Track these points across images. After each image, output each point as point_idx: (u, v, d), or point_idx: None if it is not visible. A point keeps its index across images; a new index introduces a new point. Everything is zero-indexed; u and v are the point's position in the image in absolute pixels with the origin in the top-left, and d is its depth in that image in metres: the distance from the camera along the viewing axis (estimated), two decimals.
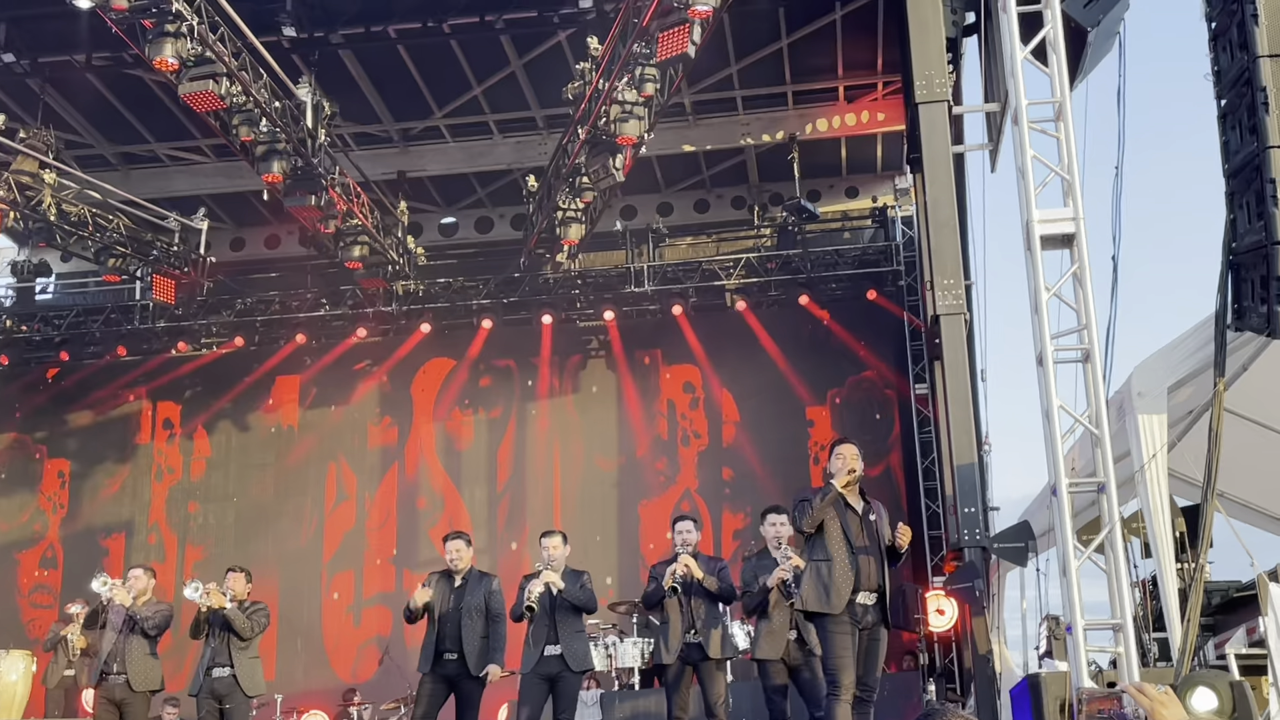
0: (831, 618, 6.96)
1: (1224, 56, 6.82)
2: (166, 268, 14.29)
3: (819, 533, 7.07)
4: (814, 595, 7.00)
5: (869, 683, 7.02)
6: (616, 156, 11.67)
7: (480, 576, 8.71)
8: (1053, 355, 7.68)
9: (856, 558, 6.98)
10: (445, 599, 8.54)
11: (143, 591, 9.22)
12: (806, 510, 7.07)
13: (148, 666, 9.12)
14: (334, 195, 12.65)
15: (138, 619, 9.01)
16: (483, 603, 8.54)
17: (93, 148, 15.03)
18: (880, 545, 7.15)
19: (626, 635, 11.31)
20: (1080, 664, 7.15)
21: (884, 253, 15.34)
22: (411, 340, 15.83)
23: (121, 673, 8.97)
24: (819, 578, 7.01)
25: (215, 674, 9.09)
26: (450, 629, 8.44)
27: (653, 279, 15.36)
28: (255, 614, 9.26)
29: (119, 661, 8.99)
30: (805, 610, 7.21)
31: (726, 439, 15.50)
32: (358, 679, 13.95)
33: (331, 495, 15.91)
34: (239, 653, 9.11)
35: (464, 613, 8.46)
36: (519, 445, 15.83)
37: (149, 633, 9.09)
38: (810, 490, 7.26)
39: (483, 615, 8.53)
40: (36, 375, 16.65)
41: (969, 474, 9.41)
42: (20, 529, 16.14)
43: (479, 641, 8.46)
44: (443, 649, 8.44)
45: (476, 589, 8.59)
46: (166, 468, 16.24)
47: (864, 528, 7.12)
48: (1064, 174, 8.01)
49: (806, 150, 14.76)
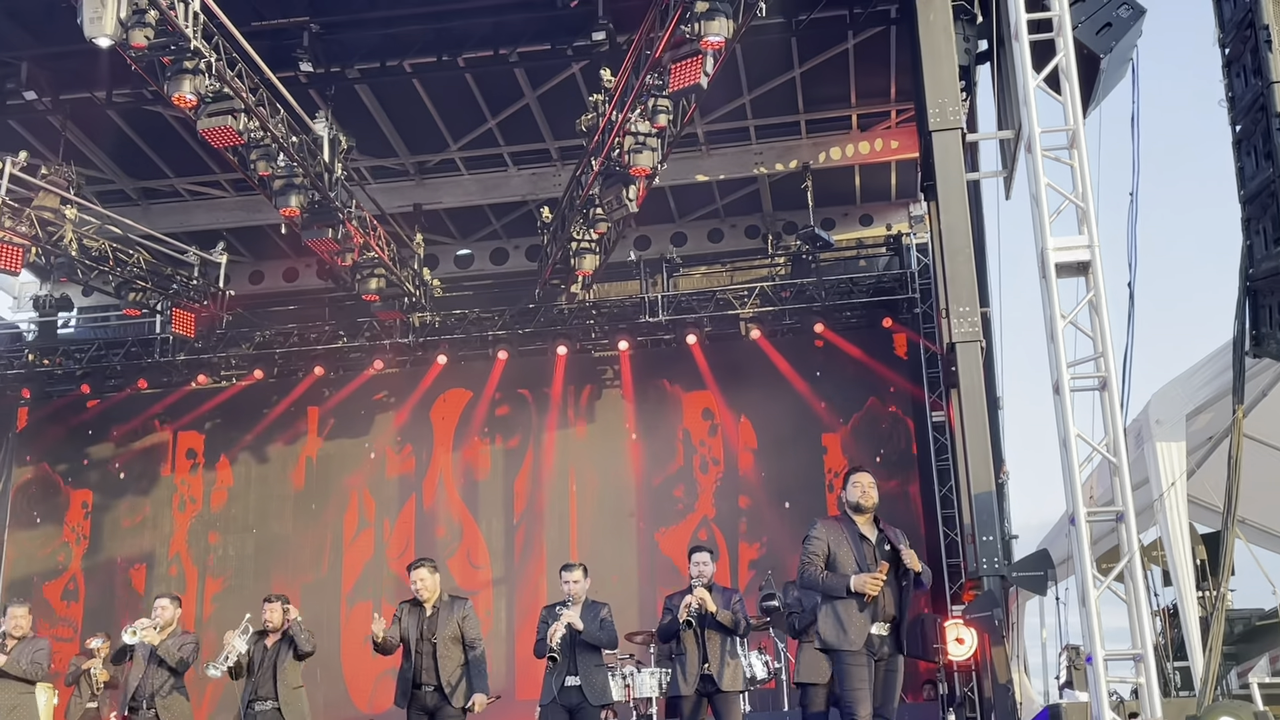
0: (847, 652, 6.91)
1: (1238, 82, 6.85)
2: (186, 301, 14.38)
3: (832, 567, 7.01)
4: (830, 631, 6.92)
5: (886, 714, 6.97)
6: (630, 187, 11.73)
7: (452, 601, 8.55)
8: (1069, 383, 7.67)
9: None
10: (418, 630, 8.39)
11: (169, 622, 9.19)
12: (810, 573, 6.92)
13: (178, 702, 9.07)
14: (351, 228, 12.74)
15: (163, 658, 8.97)
16: (457, 630, 8.40)
17: (113, 183, 15.19)
18: (897, 573, 7.09)
19: (644, 666, 11.27)
20: (1101, 694, 7.11)
21: (899, 280, 15.33)
22: (428, 371, 15.90)
23: (151, 708, 8.93)
24: (834, 614, 6.93)
25: (258, 708, 9.05)
26: (425, 661, 8.26)
27: (667, 309, 15.39)
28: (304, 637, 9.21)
29: (147, 699, 8.95)
30: (824, 647, 7.15)
31: (743, 467, 15.48)
32: (375, 709, 13.93)
33: (351, 525, 15.96)
34: (282, 685, 9.06)
35: (439, 643, 8.31)
36: (536, 475, 15.85)
37: (175, 670, 9.07)
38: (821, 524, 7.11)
39: (459, 643, 8.39)
40: (58, 408, 16.76)
41: (987, 502, 9.38)
42: (44, 560, 16.23)
43: (458, 670, 8.32)
44: (419, 681, 8.29)
45: (449, 616, 8.42)
46: (189, 498, 16.32)
47: (877, 558, 7.06)
48: (1078, 201, 8.01)
49: (820, 179, 14.80)
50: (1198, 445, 9.42)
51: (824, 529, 7.06)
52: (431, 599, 8.42)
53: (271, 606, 9.35)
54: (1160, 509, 8.38)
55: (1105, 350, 7.82)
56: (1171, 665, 9.07)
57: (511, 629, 14.56)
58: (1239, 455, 7.06)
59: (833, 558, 7.00)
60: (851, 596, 6.82)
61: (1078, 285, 8.15)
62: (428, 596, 8.40)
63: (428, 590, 8.39)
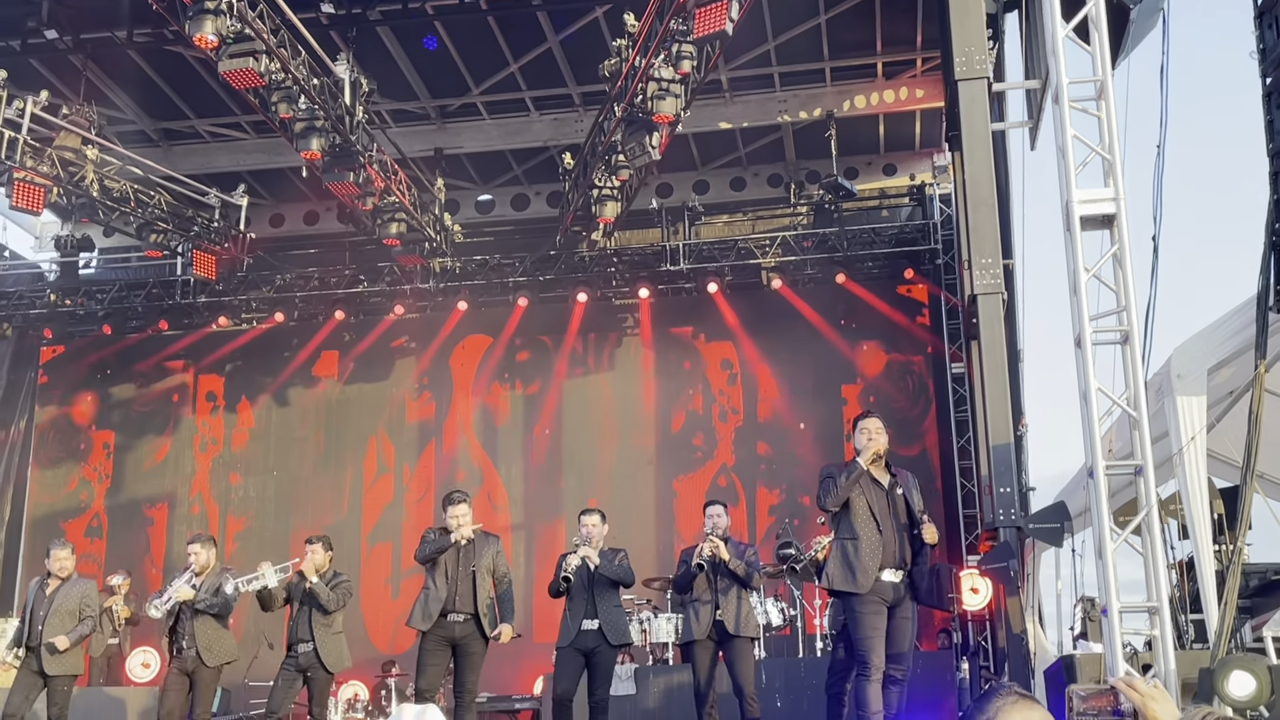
0: (859, 597, 6.94)
1: (1269, 34, 6.75)
2: (207, 243, 14.42)
3: (844, 510, 7.05)
4: (840, 574, 6.98)
5: (902, 660, 7.02)
6: (653, 134, 11.66)
7: (484, 536, 8.71)
8: (1091, 337, 7.63)
9: (883, 535, 6.97)
10: (454, 560, 8.52)
11: (205, 565, 9.22)
12: (831, 488, 7.04)
13: (220, 639, 9.14)
14: (372, 172, 12.73)
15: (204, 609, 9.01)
16: (491, 562, 8.56)
17: (134, 124, 15.17)
18: (911, 519, 7.13)
19: (661, 611, 11.40)
20: (1115, 645, 7.14)
21: (921, 231, 15.26)
22: (449, 317, 15.92)
23: (192, 647, 9.01)
24: (844, 556, 6.98)
25: (299, 650, 9.14)
26: (463, 589, 8.42)
27: (688, 257, 15.35)
28: (340, 585, 9.25)
29: (189, 637, 9.02)
30: (831, 589, 7.20)
31: (762, 415, 15.51)
32: (395, 651, 14.11)
33: (371, 469, 16.07)
34: (321, 628, 9.12)
35: (477, 573, 8.46)
36: (555, 421, 15.92)
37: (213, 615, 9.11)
38: (835, 466, 7.25)
39: (491, 575, 8.55)
40: (80, 348, 16.87)
41: (1005, 454, 9.38)
42: (66, 499, 16.42)
43: (489, 602, 8.48)
44: (449, 609, 8.43)
45: (484, 550, 8.59)
46: (210, 439, 16.46)
47: (890, 503, 7.10)
48: (1105, 154, 7.93)
49: (844, 127, 14.68)
50: (1218, 400, 9.38)
51: (838, 467, 7.14)
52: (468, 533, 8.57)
53: (312, 548, 9.33)
54: (1179, 463, 8.36)
55: (1128, 304, 7.78)
56: (1186, 618, 9.08)
57: (530, 573, 14.68)
58: (1260, 411, 7.04)
59: (847, 501, 7.05)
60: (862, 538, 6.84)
61: (1102, 238, 8.10)
62: (466, 533, 8.53)
63: (466, 525, 8.54)
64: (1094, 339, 7.70)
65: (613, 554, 8.77)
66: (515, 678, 12.87)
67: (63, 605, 9.19)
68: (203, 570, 9.14)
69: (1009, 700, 2.73)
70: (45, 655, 9.01)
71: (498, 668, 11.38)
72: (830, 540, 8.07)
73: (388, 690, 12.53)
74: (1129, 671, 7.10)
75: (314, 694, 9.25)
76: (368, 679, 12.97)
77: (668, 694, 9.75)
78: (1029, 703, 2.71)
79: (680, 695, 9.21)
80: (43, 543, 12.66)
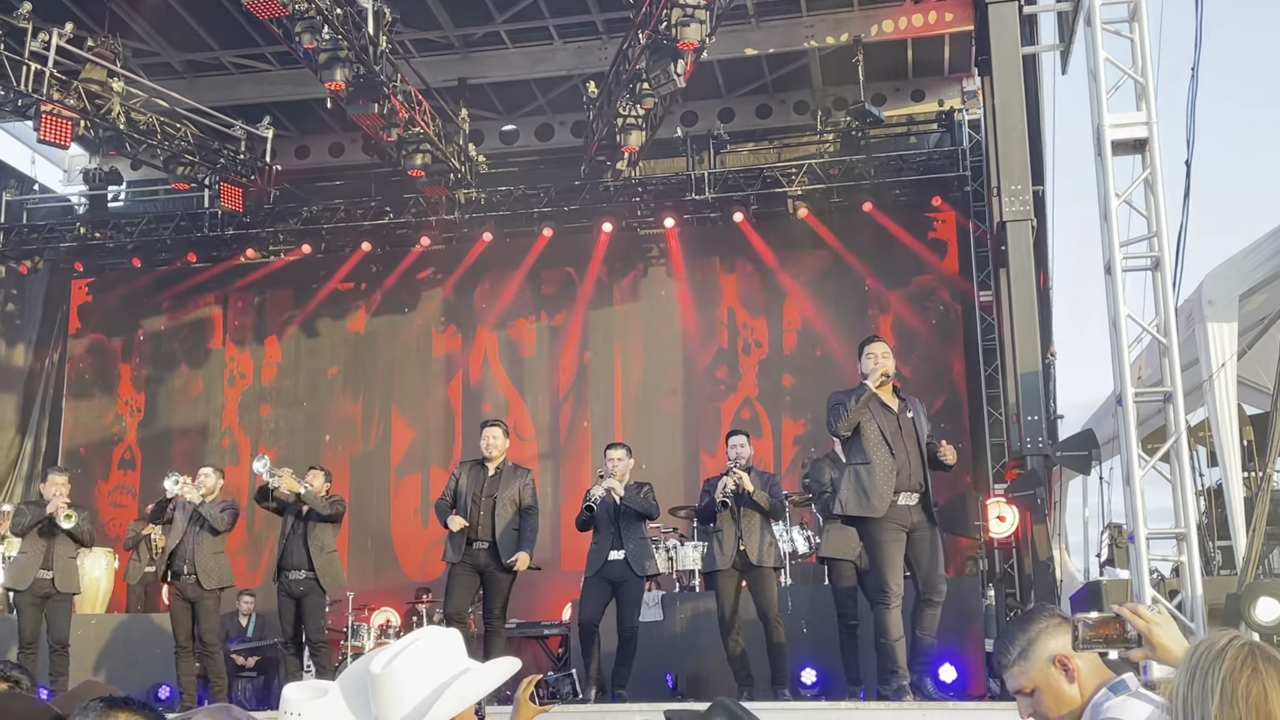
0: (874, 522, 6.95)
1: None
2: (234, 176, 14.42)
3: (855, 435, 7.06)
4: (853, 499, 7.00)
5: (933, 582, 7.03)
6: (677, 61, 11.54)
7: (514, 469, 8.84)
8: (1121, 263, 7.58)
9: (896, 458, 6.97)
10: (478, 488, 8.65)
11: (210, 490, 9.48)
12: (841, 413, 7.04)
13: (217, 564, 9.39)
14: (396, 103, 12.67)
15: (204, 516, 9.26)
16: (517, 495, 8.68)
17: (159, 56, 15.10)
18: (920, 444, 7.14)
19: (686, 540, 11.51)
20: (1142, 571, 7.18)
21: (950, 158, 15.08)
22: (474, 248, 15.91)
23: (191, 572, 9.25)
24: (857, 481, 6.99)
25: (291, 575, 9.36)
26: (483, 517, 8.58)
27: (714, 186, 15.24)
28: (336, 503, 9.48)
29: (188, 561, 9.26)
30: (844, 515, 7.23)
31: (787, 347, 15.50)
32: (425, 578, 14.31)
33: (399, 399, 16.17)
34: (316, 550, 9.36)
35: (497, 502, 8.58)
36: (580, 352, 15.96)
37: (215, 529, 9.34)
38: (843, 392, 7.25)
39: (515, 506, 8.67)
40: (111, 281, 16.99)
41: (1033, 382, 9.37)
42: (101, 430, 16.63)
43: (511, 532, 8.61)
44: (473, 538, 8.59)
45: (511, 480, 8.72)
46: (239, 372, 16.59)
47: (901, 426, 7.09)
48: (1137, 77, 7.82)
49: (871, 53, 14.45)
50: (1250, 326, 9.32)
51: (845, 393, 7.15)
52: (496, 460, 8.74)
53: (315, 473, 9.64)
54: (1209, 390, 8.34)
55: (1159, 230, 7.72)
56: (1214, 544, 9.11)
57: (557, 503, 14.80)
58: None
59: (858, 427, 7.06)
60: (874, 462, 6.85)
61: (1133, 163, 8.02)
62: (495, 456, 8.69)
63: (496, 450, 8.71)
64: (1124, 265, 7.65)
65: (638, 487, 8.87)
66: (544, 604, 13.04)
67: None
68: (209, 494, 9.40)
69: (1052, 623, 2.77)
70: (57, 573, 9.34)
71: (526, 595, 11.54)
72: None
73: (419, 616, 12.72)
74: (1156, 598, 7.14)
75: (310, 620, 9.50)
76: (399, 605, 13.18)
77: (694, 620, 9.87)
78: (1070, 626, 2.73)
79: (706, 621, 9.33)
80: (77, 474, 12.87)
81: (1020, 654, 2.76)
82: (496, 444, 8.80)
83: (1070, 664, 2.70)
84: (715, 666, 9.05)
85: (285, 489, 9.31)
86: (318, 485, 9.58)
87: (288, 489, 9.32)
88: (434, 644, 2.20)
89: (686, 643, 9.80)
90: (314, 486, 9.51)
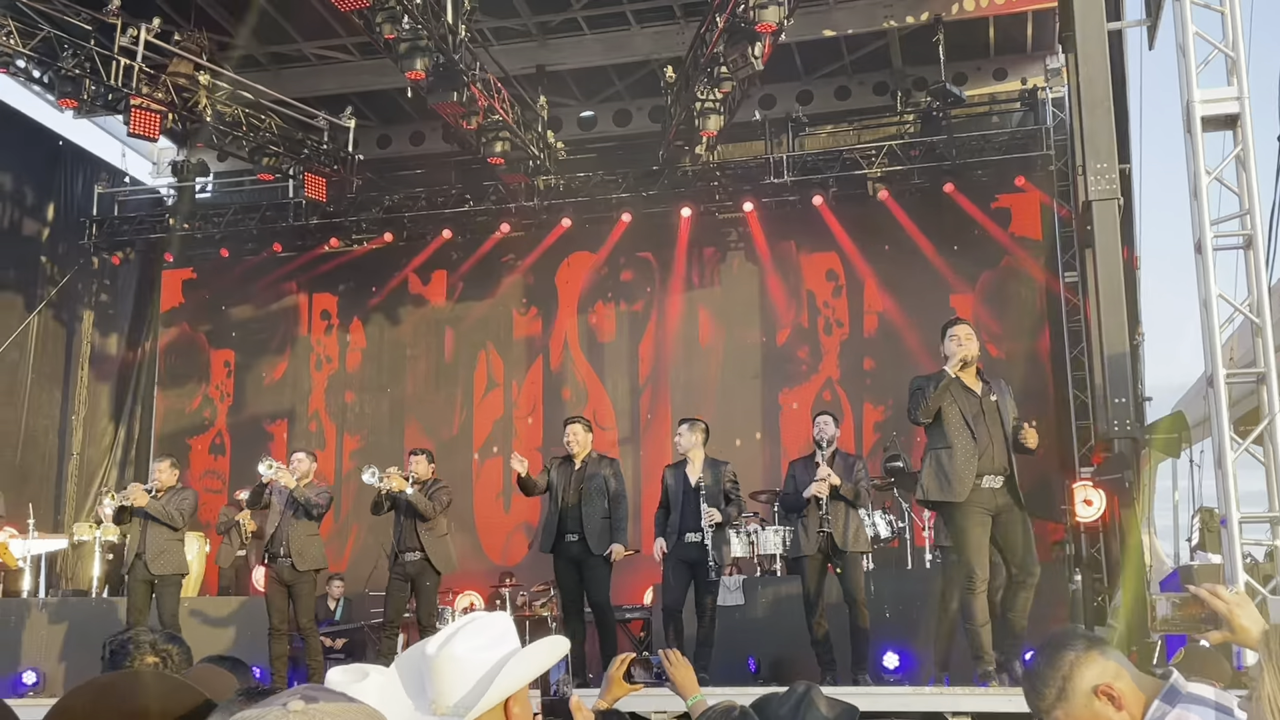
0: (957, 507, 6.88)
1: None
2: (317, 165, 14.65)
3: (936, 419, 6.99)
4: (934, 484, 6.93)
5: (1026, 565, 6.94)
6: (755, 44, 11.47)
7: (600, 459, 8.96)
8: (1212, 242, 7.42)
9: (978, 441, 6.88)
10: (566, 482, 8.80)
11: (305, 474, 9.71)
12: (921, 401, 6.97)
13: (311, 547, 9.63)
14: (475, 91, 12.77)
15: (300, 502, 9.49)
16: (603, 484, 8.79)
17: (243, 48, 15.35)
18: (1005, 426, 7.04)
19: (768, 524, 11.50)
20: (1235, 557, 7.03)
21: (1033, 137, 14.82)
22: (553, 234, 16.00)
23: (287, 555, 9.49)
24: (938, 466, 6.92)
25: (406, 557, 9.57)
26: (572, 511, 8.72)
27: (792, 169, 15.15)
28: (437, 493, 9.64)
29: (284, 544, 9.51)
30: (926, 500, 7.18)
31: (868, 329, 15.39)
32: (508, 562, 14.48)
33: (480, 385, 16.35)
34: (426, 534, 9.55)
35: (585, 495, 8.71)
36: (659, 337, 15.99)
37: (311, 515, 9.58)
38: (924, 377, 7.18)
39: (604, 496, 8.79)
40: (200, 270, 17.36)
41: (1120, 363, 9.19)
42: (191, 417, 17.03)
43: (600, 522, 8.74)
44: (564, 530, 8.74)
45: (597, 471, 8.83)
46: (325, 358, 16.89)
47: (984, 409, 7.00)
48: (1228, 51, 7.63)
49: (952, 31, 14.26)
50: None
51: (926, 379, 7.08)
52: (581, 454, 8.88)
53: (417, 459, 9.80)
54: None
55: (1251, 207, 7.53)
56: None
57: (638, 487, 14.84)
58: None
59: (939, 411, 6.99)
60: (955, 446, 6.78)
61: (1224, 139, 7.83)
62: (578, 451, 8.85)
63: (578, 445, 8.87)
64: (1215, 244, 7.49)
65: (717, 466, 8.94)
66: (626, 588, 13.11)
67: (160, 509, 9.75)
68: (303, 478, 9.60)
69: (1080, 648, 2.57)
70: (150, 557, 9.56)
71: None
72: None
73: (501, 600, 12.89)
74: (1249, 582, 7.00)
75: (422, 600, 9.64)
76: (483, 589, 13.35)
77: (776, 604, 9.88)
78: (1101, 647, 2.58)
79: (788, 605, 9.33)
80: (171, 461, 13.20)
81: (1059, 695, 2.53)
82: (578, 440, 8.96)
83: (1113, 691, 2.49)
84: (796, 651, 9.05)
85: (395, 488, 9.50)
86: (421, 470, 9.75)
87: (396, 488, 9.51)
88: (486, 627, 2.25)
89: (768, 627, 9.81)
90: (418, 472, 9.68)
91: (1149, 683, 2.54)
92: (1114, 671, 2.52)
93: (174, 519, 9.77)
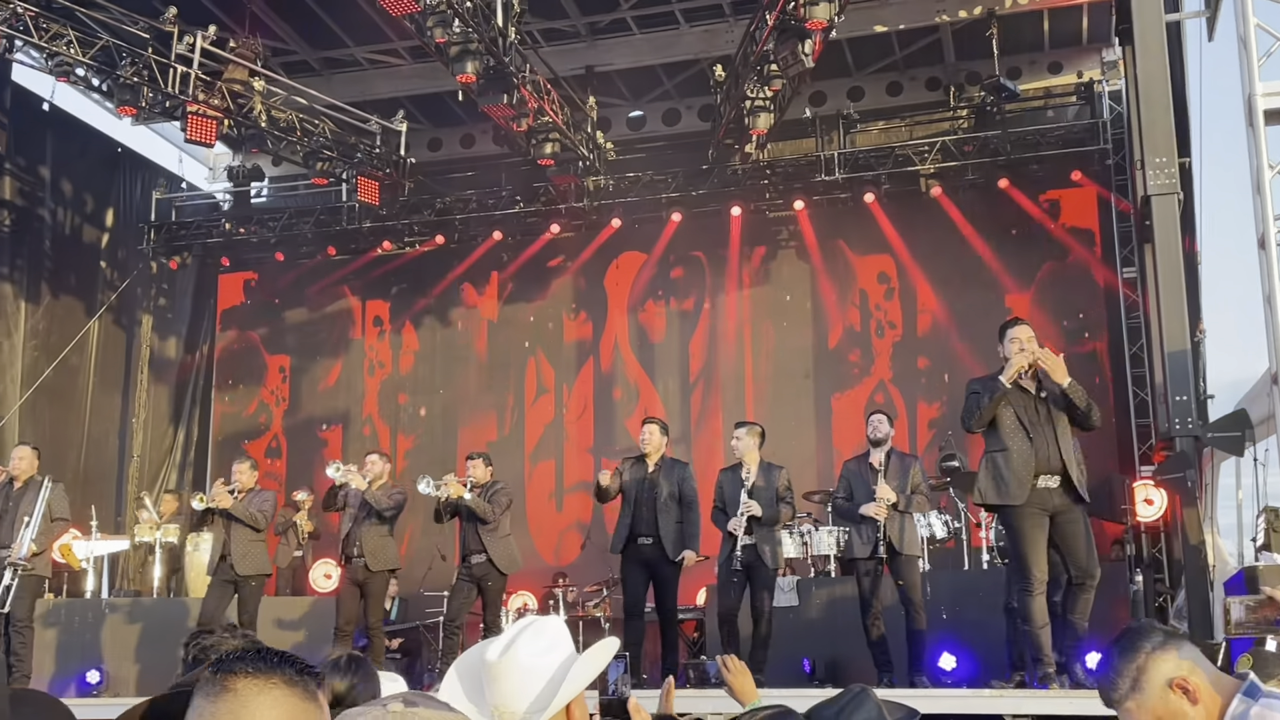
0: (1013, 509, 6.81)
1: None
2: (370, 169, 14.76)
3: (991, 423, 6.92)
4: (991, 488, 6.85)
5: (1086, 566, 6.84)
6: (805, 41, 11.40)
7: (673, 464, 8.97)
8: (1276, 237, 7.28)
9: (1034, 443, 6.80)
10: (640, 485, 8.80)
11: (378, 476, 9.82)
12: (975, 410, 6.89)
13: (384, 547, 9.74)
14: (525, 93, 12.80)
15: (373, 505, 9.56)
16: (676, 489, 8.79)
17: (296, 54, 15.53)
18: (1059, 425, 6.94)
19: (821, 524, 11.43)
20: None
21: (1090, 131, 14.62)
22: (603, 235, 16.01)
23: (360, 555, 9.59)
24: (995, 469, 6.85)
25: (472, 560, 9.63)
26: (646, 514, 8.74)
27: (843, 166, 15.05)
28: (496, 495, 9.68)
29: (358, 545, 9.61)
30: (984, 504, 7.12)
31: (922, 328, 15.24)
32: (561, 562, 14.49)
33: (531, 388, 16.39)
34: (488, 536, 9.60)
35: (660, 499, 8.72)
36: (711, 337, 15.94)
37: (384, 516, 9.67)
38: (980, 380, 7.08)
39: (676, 501, 8.78)
40: (255, 275, 17.55)
41: (1181, 361, 9.04)
42: (248, 421, 17.22)
43: (674, 527, 8.75)
44: (638, 533, 8.75)
45: (670, 475, 8.84)
46: (378, 362, 17.01)
47: (1039, 409, 6.92)
48: None
49: (1006, 25, 14.09)
50: None
51: (982, 385, 7.00)
52: (655, 456, 8.88)
53: (474, 463, 9.84)
54: None
55: None
56: None
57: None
58: None
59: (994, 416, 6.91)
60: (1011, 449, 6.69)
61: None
62: (651, 452, 8.85)
63: (651, 446, 8.87)
64: (1279, 239, 7.34)
65: (771, 471, 8.90)
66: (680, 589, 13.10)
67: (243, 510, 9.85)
68: (375, 480, 9.66)
69: (1157, 641, 2.53)
70: (235, 558, 9.65)
71: None
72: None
73: (555, 600, 12.90)
74: None
75: (488, 602, 9.70)
76: (536, 589, 13.38)
77: (830, 605, 9.81)
78: (1178, 642, 2.54)
79: (842, 606, 9.27)
80: (228, 464, 13.35)
81: (1132, 686, 2.50)
82: (652, 440, 8.98)
83: (1189, 684, 2.45)
84: (852, 652, 8.99)
85: (453, 495, 9.54)
86: (479, 474, 9.78)
87: (455, 495, 9.55)
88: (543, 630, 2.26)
89: (823, 628, 9.75)
90: (476, 476, 9.72)
91: (1225, 680, 2.50)
92: (1189, 667, 2.49)
93: (256, 520, 9.88)
